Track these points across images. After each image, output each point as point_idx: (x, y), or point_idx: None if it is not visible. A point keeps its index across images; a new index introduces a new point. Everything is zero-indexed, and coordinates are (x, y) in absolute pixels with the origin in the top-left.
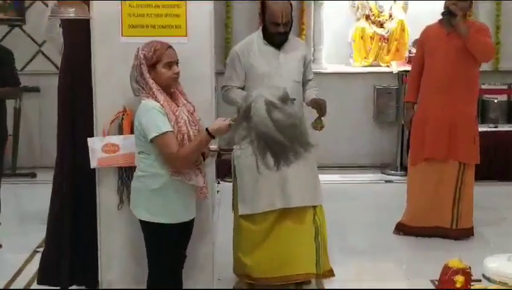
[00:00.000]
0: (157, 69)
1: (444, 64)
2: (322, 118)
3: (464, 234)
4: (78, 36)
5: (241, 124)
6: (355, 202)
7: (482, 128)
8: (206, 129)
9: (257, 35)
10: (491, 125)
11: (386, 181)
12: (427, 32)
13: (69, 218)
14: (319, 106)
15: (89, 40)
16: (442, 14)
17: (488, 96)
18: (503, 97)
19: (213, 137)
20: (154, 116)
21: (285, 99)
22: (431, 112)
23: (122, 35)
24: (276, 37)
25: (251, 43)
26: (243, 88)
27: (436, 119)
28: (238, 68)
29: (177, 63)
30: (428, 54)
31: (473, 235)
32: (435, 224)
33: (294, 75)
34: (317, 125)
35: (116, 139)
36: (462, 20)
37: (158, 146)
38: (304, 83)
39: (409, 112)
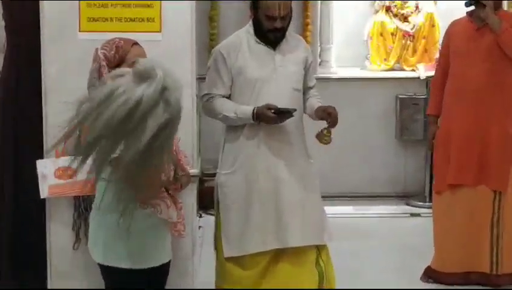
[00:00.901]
0: None
1: (473, 68)
2: (330, 130)
3: (509, 280)
4: (24, 30)
5: None
6: (372, 241)
7: None
8: None
9: (246, 32)
10: None
11: (412, 214)
12: (454, 28)
13: (9, 260)
14: (329, 115)
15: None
16: (466, 4)
17: None
18: None
19: None
20: None
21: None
22: (457, 127)
23: (79, 30)
24: (271, 35)
25: (239, 41)
26: (228, 97)
27: (464, 136)
28: (223, 73)
29: None
30: (454, 55)
31: None
32: (471, 269)
33: (294, 81)
34: (324, 138)
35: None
36: (492, 11)
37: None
38: (304, 90)
39: (432, 127)
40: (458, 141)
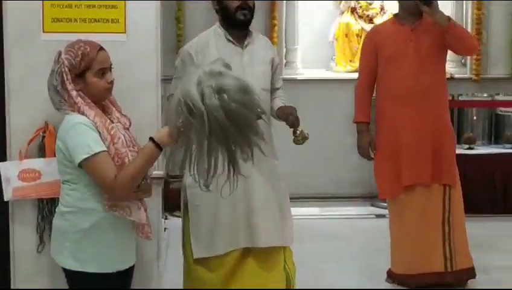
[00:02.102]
0: (86, 79)
1: (415, 68)
2: (298, 130)
3: (462, 276)
4: None
5: (192, 125)
6: (337, 242)
7: (496, 149)
8: (151, 138)
9: (214, 32)
10: (506, 146)
11: (377, 216)
12: (381, 34)
13: None
14: (287, 116)
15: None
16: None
17: (503, 109)
18: None
19: (161, 149)
20: (82, 133)
21: (226, 66)
22: (407, 129)
23: (43, 31)
24: (240, 14)
25: (207, 41)
26: None
27: (416, 136)
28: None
29: (110, 69)
30: (388, 59)
31: (474, 277)
32: (425, 270)
33: (262, 81)
34: (298, 139)
35: (36, 163)
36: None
37: (89, 171)
38: (271, 92)
39: (364, 135)
40: (410, 142)
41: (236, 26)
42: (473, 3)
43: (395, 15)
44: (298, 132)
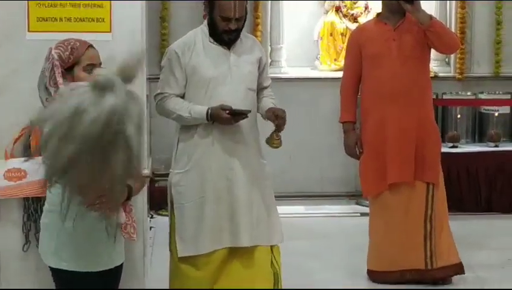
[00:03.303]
0: (74, 73)
1: (398, 67)
2: (280, 134)
3: (443, 273)
4: None
5: None
6: (323, 241)
7: (480, 148)
8: None
9: (201, 31)
10: (490, 144)
11: (362, 214)
12: (364, 33)
13: None
14: (276, 117)
15: None
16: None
17: (487, 108)
18: (506, 109)
19: None
20: None
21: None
22: (389, 128)
23: (28, 30)
24: (225, 36)
25: (193, 40)
26: (182, 96)
27: (401, 135)
28: (177, 72)
29: (99, 66)
30: (373, 59)
31: (462, 273)
32: (406, 267)
33: (248, 81)
34: (274, 142)
35: (21, 163)
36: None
37: None
38: (259, 90)
39: (350, 134)
40: (394, 141)
41: (220, 42)
42: (457, 3)
43: (378, 14)
44: (275, 136)
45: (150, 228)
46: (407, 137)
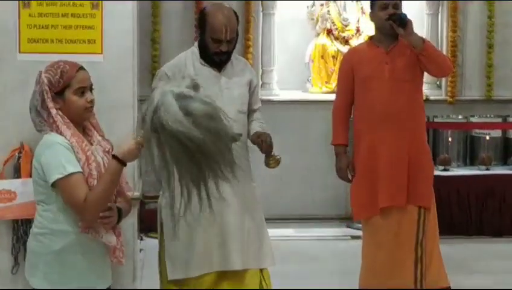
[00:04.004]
0: (65, 97)
1: (390, 90)
2: (274, 154)
3: None
4: None
5: (152, 138)
6: (313, 263)
7: (471, 171)
8: (113, 156)
9: (191, 53)
10: (481, 167)
11: (352, 237)
12: (357, 56)
13: None
14: (261, 142)
15: None
16: (392, 19)
17: (478, 131)
18: (497, 133)
19: (124, 164)
20: (58, 153)
21: (196, 87)
22: (381, 151)
23: (19, 51)
24: (216, 57)
25: (184, 62)
26: None
27: (393, 158)
28: None
29: (91, 89)
30: (365, 82)
31: None
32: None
33: (239, 103)
34: (270, 162)
35: (11, 184)
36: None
37: (62, 192)
38: (249, 113)
39: (342, 157)
40: (386, 164)
41: (211, 64)
42: (448, 26)
43: (371, 37)
44: (271, 156)
45: (140, 250)
46: (399, 161)
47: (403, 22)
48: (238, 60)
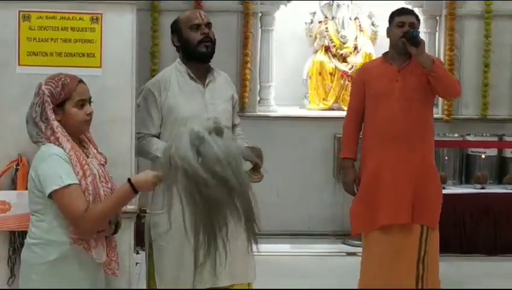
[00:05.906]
0: (65, 109)
1: (399, 108)
2: (259, 171)
3: None
4: None
5: (172, 182)
6: (309, 280)
7: (466, 189)
8: (129, 180)
9: (175, 69)
10: (477, 186)
11: (348, 254)
12: (369, 72)
13: None
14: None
15: None
16: (407, 38)
17: (474, 150)
18: (493, 151)
19: (136, 192)
20: (55, 164)
21: (218, 131)
22: (387, 168)
23: (19, 64)
24: (202, 47)
25: (168, 79)
26: (158, 136)
27: (397, 176)
28: (153, 111)
29: (89, 101)
30: (375, 98)
31: None
32: None
33: (224, 119)
34: (255, 177)
35: (7, 195)
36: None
37: (59, 203)
38: (231, 128)
39: (350, 171)
40: (390, 182)
41: (199, 59)
42: (446, 45)
43: (385, 54)
44: (258, 171)
45: (136, 263)
46: (405, 179)
47: (416, 42)
48: (220, 75)
